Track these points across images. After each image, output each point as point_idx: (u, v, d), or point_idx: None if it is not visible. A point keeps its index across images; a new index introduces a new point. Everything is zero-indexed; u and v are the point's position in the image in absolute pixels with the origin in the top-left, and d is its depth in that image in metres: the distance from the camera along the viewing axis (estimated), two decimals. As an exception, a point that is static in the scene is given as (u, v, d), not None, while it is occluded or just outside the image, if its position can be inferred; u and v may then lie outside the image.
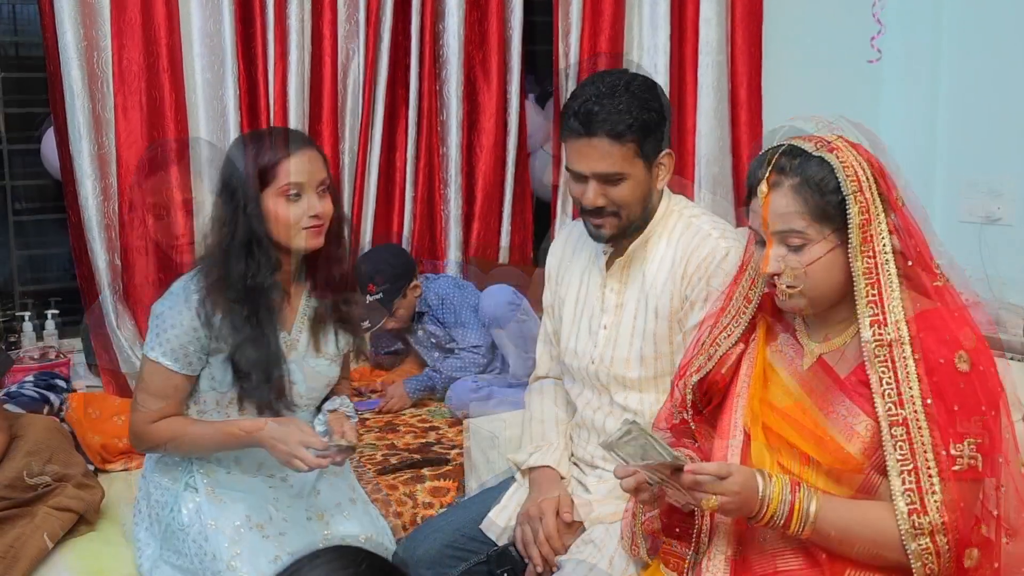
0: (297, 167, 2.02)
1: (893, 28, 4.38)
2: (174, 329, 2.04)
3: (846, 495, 1.63)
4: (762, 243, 1.66)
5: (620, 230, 2.09)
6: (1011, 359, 2.50)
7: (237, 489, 2.14)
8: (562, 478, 2.19)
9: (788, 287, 1.63)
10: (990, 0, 4.15)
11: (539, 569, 2.06)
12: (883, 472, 1.59)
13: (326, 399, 2.24)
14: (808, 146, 1.62)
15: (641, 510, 1.77)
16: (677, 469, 1.58)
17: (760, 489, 1.57)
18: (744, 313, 1.77)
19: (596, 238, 2.12)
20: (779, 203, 1.61)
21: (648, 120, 2.00)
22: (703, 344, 1.81)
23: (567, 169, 2.08)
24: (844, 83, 4.45)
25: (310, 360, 2.16)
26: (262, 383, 2.06)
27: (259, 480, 2.18)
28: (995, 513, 1.60)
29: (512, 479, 2.28)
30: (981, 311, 3.45)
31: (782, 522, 1.57)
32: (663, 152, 2.06)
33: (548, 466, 2.19)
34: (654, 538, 1.81)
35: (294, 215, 2.02)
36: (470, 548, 2.14)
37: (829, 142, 1.63)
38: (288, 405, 2.11)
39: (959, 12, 4.26)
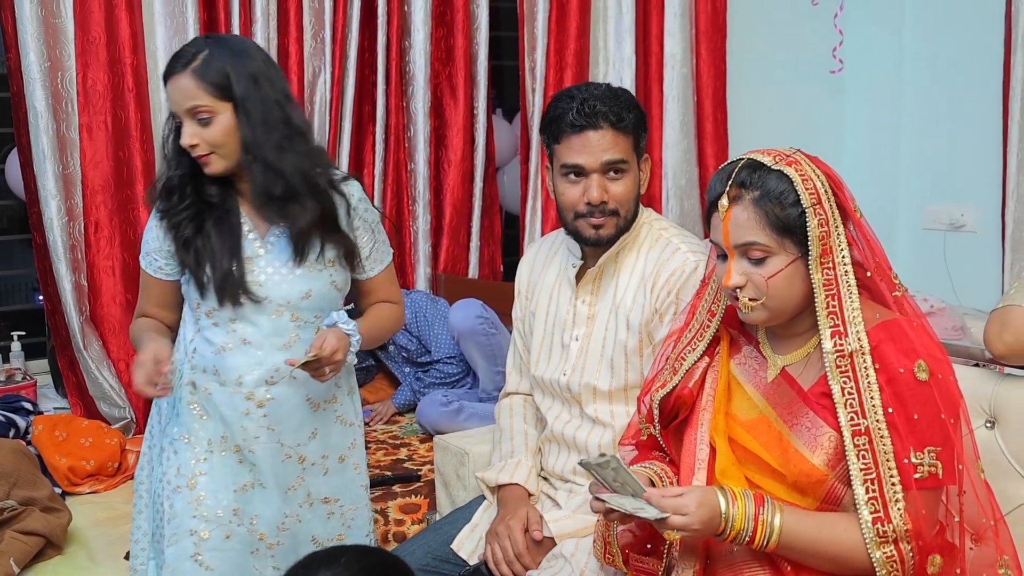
0: (171, 95, 2.01)
1: (855, 38, 4.43)
2: (146, 234, 2.14)
3: (811, 506, 1.63)
4: (724, 256, 1.67)
5: (617, 231, 2.09)
6: (975, 365, 2.52)
7: (211, 403, 2.09)
8: (530, 495, 2.19)
9: (750, 300, 1.64)
10: (949, 5, 4.21)
11: None
12: (848, 483, 1.60)
13: None
14: (767, 160, 1.63)
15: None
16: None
17: (723, 509, 1.57)
18: (708, 326, 1.78)
19: (595, 242, 2.10)
20: (740, 216, 1.62)
21: (640, 119, 2.08)
22: (668, 359, 1.82)
23: (563, 167, 2.06)
24: (808, 93, 4.50)
25: (285, 267, 2.08)
26: (213, 274, 2.04)
27: (234, 398, 2.08)
28: (957, 519, 1.61)
29: (482, 497, 2.28)
30: (946, 317, 3.50)
31: (747, 538, 1.58)
32: (644, 155, 2.12)
33: (516, 483, 2.19)
34: (624, 551, 1.81)
35: (183, 142, 2.01)
36: (443, 571, 2.13)
37: (788, 155, 1.64)
38: (253, 299, 2.04)
39: (919, 20, 4.32)
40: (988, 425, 1.95)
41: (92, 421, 3.16)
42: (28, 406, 3.14)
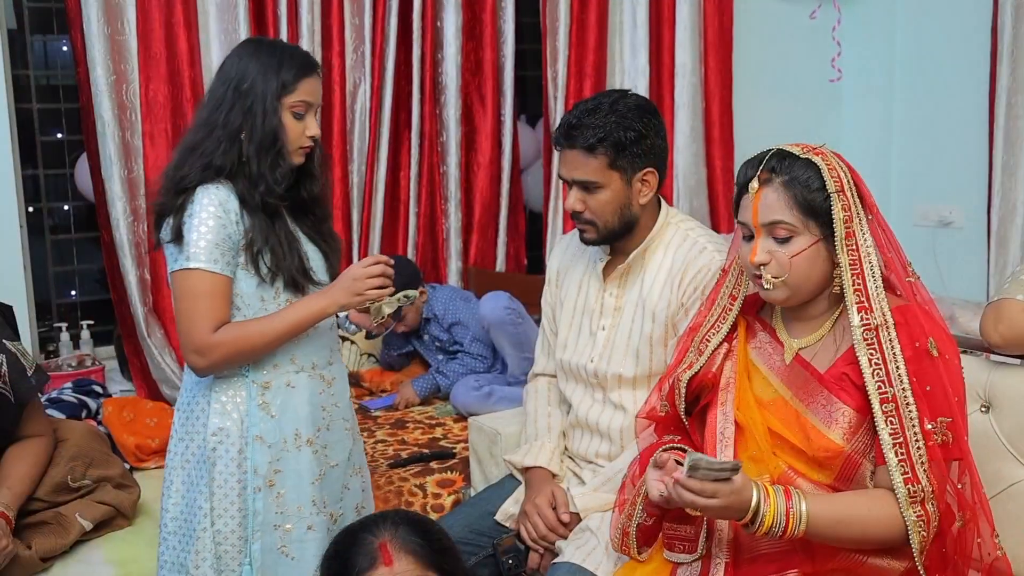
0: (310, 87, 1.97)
1: (851, 49, 4.40)
2: (206, 235, 1.88)
3: (828, 479, 1.62)
4: (749, 238, 1.67)
5: (602, 237, 2.08)
6: (963, 352, 2.50)
7: (292, 399, 2.00)
8: (554, 476, 2.19)
9: (773, 277, 1.63)
10: (939, 19, 4.18)
11: (542, 556, 2.07)
12: (864, 455, 1.60)
13: None
14: (796, 150, 1.64)
15: (641, 505, 1.74)
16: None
17: (754, 501, 1.54)
18: (730, 310, 1.76)
19: (584, 242, 2.13)
20: (769, 197, 1.62)
21: (623, 137, 1.99)
22: (692, 342, 1.81)
23: (559, 176, 2.10)
24: (808, 101, 4.48)
25: (314, 247, 2.06)
26: (295, 261, 1.97)
27: (314, 382, 2.03)
28: (959, 486, 1.59)
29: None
30: (937, 308, 3.48)
31: (780, 532, 1.55)
32: (645, 169, 2.04)
33: (540, 466, 2.18)
34: (647, 535, 1.79)
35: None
36: (479, 543, 2.14)
37: (815, 148, 1.65)
38: (313, 282, 2.02)
39: (911, 32, 4.29)
40: (983, 410, 1.94)
41: (156, 403, 3.18)
42: (98, 389, 3.16)
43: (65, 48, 3.65)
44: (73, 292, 3.95)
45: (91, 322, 3.66)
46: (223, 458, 1.96)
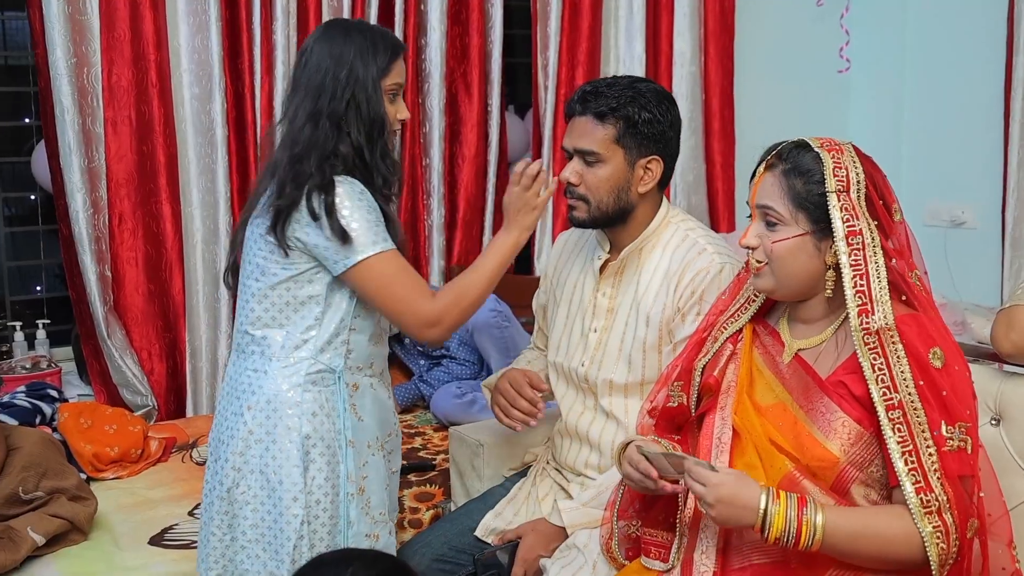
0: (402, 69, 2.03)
1: (860, 38, 4.41)
2: (370, 219, 1.92)
3: (824, 489, 1.63)
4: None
5: (591, 218, 2.09)
6: (973, 361, 2.49)
7: (375, 402, 2.06)
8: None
9: (757, 261, 1.69)
10: (953, 7, 4.19)
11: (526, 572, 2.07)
12: (860, 467, 1.61)
13: None
14: (814, 142, 1.68)
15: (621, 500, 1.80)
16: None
17: (762, 503, 1.55)
18: (754, 301, 1.79)
19: (572, 221, 2.13)
20: (768, 182, 1.68)
21: (635, 115, 2.02)
22: (709, 327, 1.84)
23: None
24: (814, 92, 4.48)
25: None
26: (407, 252, 2.05)
27: (383, 386, 2.10)
28: (980, 494, 1.60)
29: (501, 487, 2.28)
30: (947, 312, 3.49)
31: (792, 541, 1.54)
32: (650, 156, 2.06)
33: (514, 368, 2.25)
34: (631, 541, 1.82)
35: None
36: (459, 561, 2.14)
37: (836, 144, 1.68)
38: None
39: (923, 20, 4.30)
40: (993, 422, 1.95)
41: (116, 408, 3.15)
42: (54, 393, 3.13)
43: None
44: (39, 288, 3.93)
45: (47, 321, 3.64)
46: (316, 462, 1.97)
